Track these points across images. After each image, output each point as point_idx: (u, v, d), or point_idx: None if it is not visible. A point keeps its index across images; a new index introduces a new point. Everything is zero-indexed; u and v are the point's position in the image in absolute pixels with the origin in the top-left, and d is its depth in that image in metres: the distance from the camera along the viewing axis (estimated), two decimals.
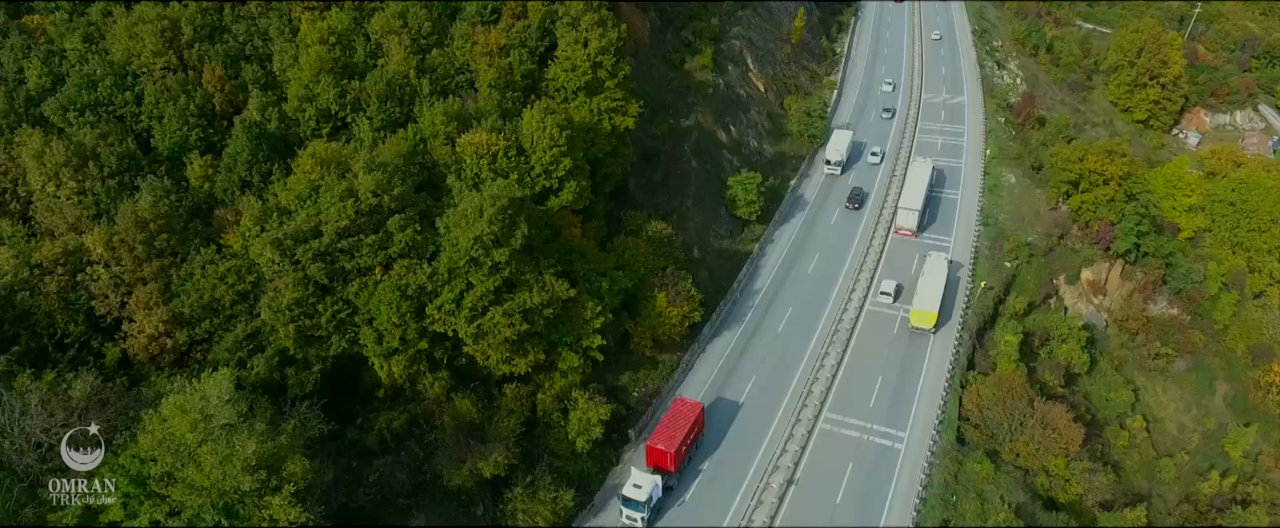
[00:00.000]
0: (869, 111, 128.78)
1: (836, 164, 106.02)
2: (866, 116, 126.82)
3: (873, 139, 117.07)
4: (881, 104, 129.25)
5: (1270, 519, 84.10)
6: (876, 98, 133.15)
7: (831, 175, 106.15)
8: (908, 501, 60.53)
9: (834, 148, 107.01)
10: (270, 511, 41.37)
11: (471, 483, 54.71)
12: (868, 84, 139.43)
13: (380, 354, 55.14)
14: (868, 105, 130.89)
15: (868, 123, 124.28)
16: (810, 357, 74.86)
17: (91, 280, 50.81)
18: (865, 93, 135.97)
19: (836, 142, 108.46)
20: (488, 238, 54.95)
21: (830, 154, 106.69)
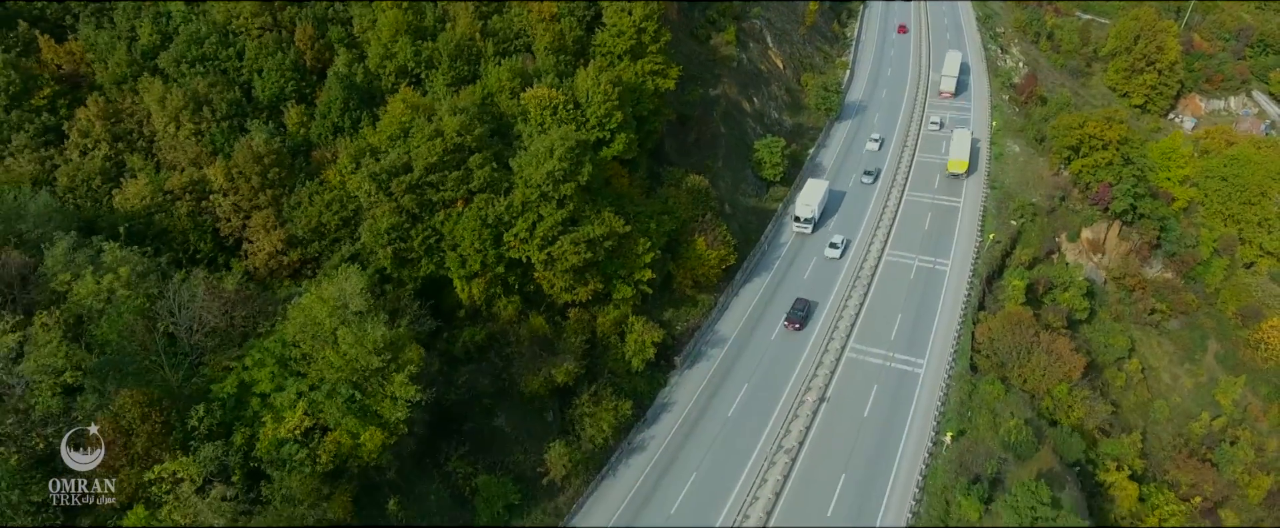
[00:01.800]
0: (880, 89, 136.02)
1: (807, 222, 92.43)
2: (878, 94, 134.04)
3: (884, 112, 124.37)
4: (891, 83, 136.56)
5: (1255, 456, 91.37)
6: (886, 78, 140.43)
7: (801, 234, 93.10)
8: (928, 415, 67.78)
9: (804, 202, 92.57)
10: (392, 387, 48.59)
11: (544, 390, 61.92)
12: (878, 64, 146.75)
13: (463, 276, 62.28)
14: (878, 83, 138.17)
15: (879, 99, 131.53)
16: (835, 298, 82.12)
17: (215, 206, 57.97)
18: (875, 73, 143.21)
19: (808, 193, 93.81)
20: (558, 173, 62.13)
21: (799, 209, 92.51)
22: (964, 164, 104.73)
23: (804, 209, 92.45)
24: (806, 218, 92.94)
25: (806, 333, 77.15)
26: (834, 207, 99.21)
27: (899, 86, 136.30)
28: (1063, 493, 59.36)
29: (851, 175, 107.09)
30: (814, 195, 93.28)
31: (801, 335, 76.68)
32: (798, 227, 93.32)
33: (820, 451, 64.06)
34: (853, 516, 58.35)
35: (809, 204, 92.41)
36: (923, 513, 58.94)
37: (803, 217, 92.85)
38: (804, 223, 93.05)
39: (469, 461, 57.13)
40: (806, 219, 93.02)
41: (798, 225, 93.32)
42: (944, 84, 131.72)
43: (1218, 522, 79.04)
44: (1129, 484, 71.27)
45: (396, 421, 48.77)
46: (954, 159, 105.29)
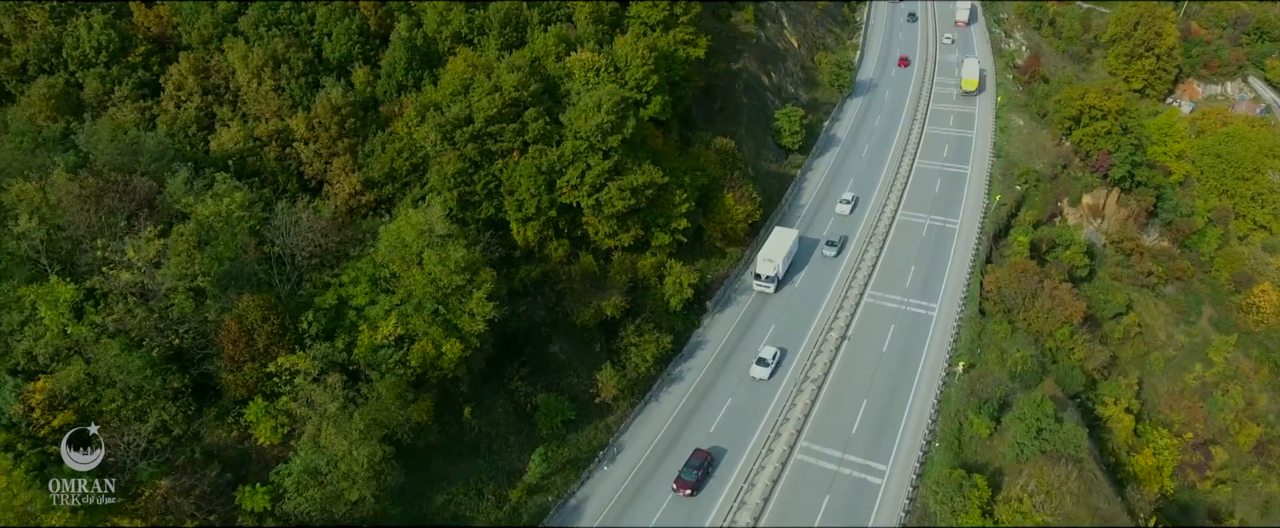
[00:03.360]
0: (889, 69, 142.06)
1: (768, 280, 79.44)
2: (886, 73, 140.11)
3: (893, 91, 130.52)
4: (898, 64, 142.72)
5: (1246, 406, 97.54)
6: (894, 61, 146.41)
7: (763, 293, 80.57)
8: (940, 351, 73.95)
9: (766, 257, 79.78)
10: (470, 304, 54.75)
11: (593, 322, 68.12)
12: (887, 47, 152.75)
13: (519, 219, 68.44)
14: (887, 64, 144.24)
15: (888, 78, 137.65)
16: (853, 253, 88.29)
17: (298, 152, 64.12)
18: (884, 55, 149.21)
19: (773, 246, 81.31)
20: (605, 126, 68.27)
21: (760, 265, 79.65)
22: (975, 82, 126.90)
23: (765, 265, 78.92)
24: (768, 275, 79.02)
25: (827, 281, 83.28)
26: (850, 170, 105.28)
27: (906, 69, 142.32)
28: (1064, 414, 65.44)
29: (864, 146, 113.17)
30: (779, 248, 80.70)
31: (823, 283, 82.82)
32: (758, 285, 79.69)
33: (843, 380, 70.25)
34: (876, 432, 64.52)
35: (771, 260, 79.21)
36: (938, 430, 65.10)
37: (764, 274, 78.96)
38: (765, 281, 79.22)
39: (529, 382, 63.31)
40: (768, 278, 79.09)
41: (758, 284, 79.61)
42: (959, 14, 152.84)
43: (1208, 458, 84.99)
44: (1125, 417, 77.43)
45: (473, 334, 54.94)
46: (966, 79, 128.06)
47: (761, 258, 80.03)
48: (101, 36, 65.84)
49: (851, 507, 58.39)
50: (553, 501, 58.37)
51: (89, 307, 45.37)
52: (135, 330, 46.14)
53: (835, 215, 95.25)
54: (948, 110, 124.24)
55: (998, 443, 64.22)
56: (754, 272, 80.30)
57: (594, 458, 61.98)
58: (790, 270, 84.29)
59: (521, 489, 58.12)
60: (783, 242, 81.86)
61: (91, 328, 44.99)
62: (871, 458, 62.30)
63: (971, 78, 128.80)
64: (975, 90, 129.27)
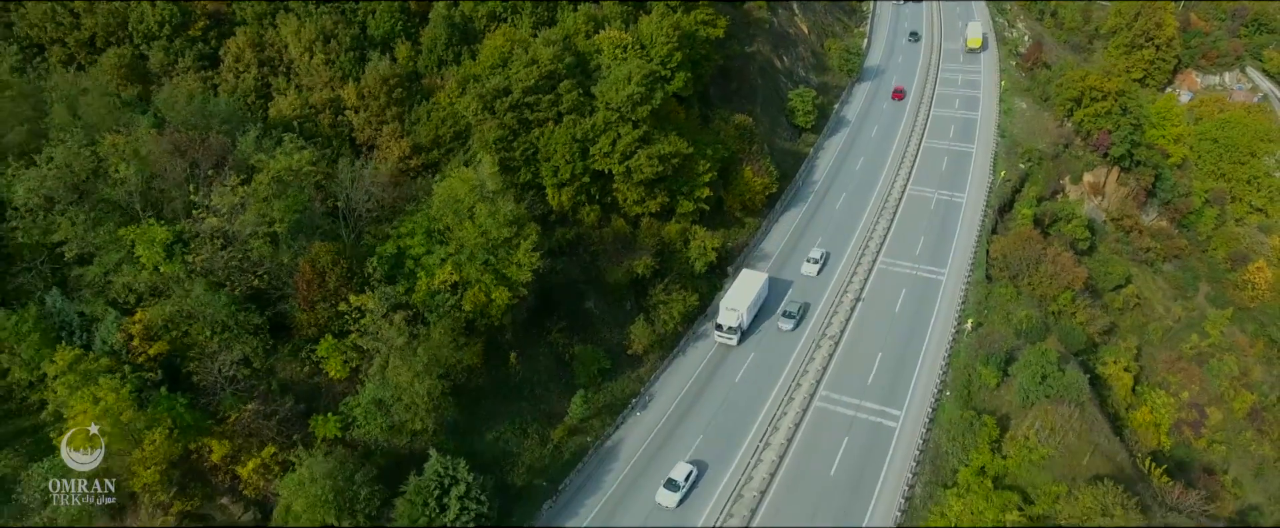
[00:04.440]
0: (896, 56, 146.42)
1: (731, 331, 70.73)
2: (894, 60, 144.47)
3: (901, 77, 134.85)
4: (905, 50, 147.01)
5: (1237, 365, 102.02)
6: (901, 46, 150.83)
7: (725, 345, 71.82)
8: (949, 312, 78.35)
9: (729, 305, 71.39)
10: (518, 255, 59.15)
11: (625, 281, 72.53)
12: (893, 34, 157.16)
13: (555, 184, 72.81)
14: (894, 50, 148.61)
15: (895, 64, 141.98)
16: (864, 224, 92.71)
17: (350, 119, 68.51)
18: (890, 42, 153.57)
19: (737, 293, 72.92)
20: (636, 96, 72.67)
21: (723, 316, 71.27)
22: (979, 41, 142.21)
23: (728, 315, 70.53)
24: (731, 326, 70.37)
25: (841, 248, 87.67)
26: (860, 149, 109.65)
27: (914, 54, 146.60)
28: (1067, 365, 69.79)
29: (873, 126, 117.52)
30: (744, 294, 72.32)
31: (838, 249, 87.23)
32: (720, 336, 71.01)
33: (859, 337, 74.67)
34: (890, 382, 68.94)
35: (734, 309, 70.77)
36: (949, 381, 69.49)
37: (726, 324, 70.45)
38: (727, 333, 70.64)
39: (566, 334, 67.72)
40: (731, 328, 70.42)
41: (720, 335, 70.99)
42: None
43: (1203, 416, 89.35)
44: (1124, 375, 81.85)
45: (520, 282, 59.36)
46: (971, 38, 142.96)
47: (724, 306, 71.50)
48: (164, 12, 70.20)
49: (869, 446, 62.79)
50: (591, 441, 62.79)
51: (178, 248, 49.73)
52: (219, 272, 50.55)
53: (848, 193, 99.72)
54: (953, 94, 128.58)
55: (1005, 392, 68.57)
56: (717, 322, 71.68)
57: (627, 405, 66.39)
58: None
59: (563, 430, 62.55)
60: (749, 286, 73.56)
61: (182, 267, 49.37)
62: (887, 405, 66.73)
63: (975, 37, 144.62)
64: (980, 48, 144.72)
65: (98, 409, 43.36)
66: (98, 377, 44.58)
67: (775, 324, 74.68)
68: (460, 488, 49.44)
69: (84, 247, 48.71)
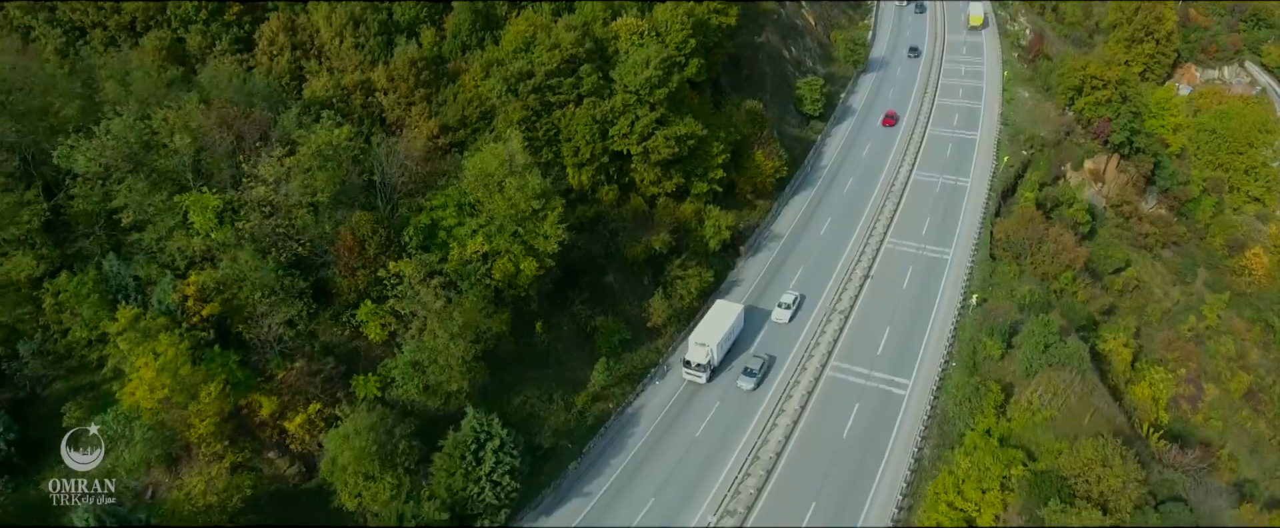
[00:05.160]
0: (899, 49, 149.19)
1: (700, 369, 65.92)
2: (898, 53, 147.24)
3: (905, 68, 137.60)
4: (909, 41, 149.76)
5: (1234, 346, 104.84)
6: (905, 39, 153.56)
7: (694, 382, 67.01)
8: (955, 288, 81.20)
9: (698, 340, 66.93)
10: (545, 227, 61.96)
11: (643, 257, 75.40)
12: (897, 27, 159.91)
13: (575, 164, 75.65)
14: (898, 43, 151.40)
15: (899, 56, 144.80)
16: (872, 206, 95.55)
17: (380, 100, 71.32)
18: (895, 36, 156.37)
19: (707, 327, 68.54)
20: (654, 80, 75.49)
21: (692, 351, 66.55)
22: (980, 19, 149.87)
23: (697, 351, 65.90)
24: (700, 364, 65.67)
25: (850, 229, 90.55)
26: (866, 136, 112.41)
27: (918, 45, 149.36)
28: (1069, 337, 72.56)
29: (879, 115, 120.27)
30: (715, 328, 67.88)
31: (846, 230, 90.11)
32: (688, 374, 66.14)
33: (869, 311, 77.52)
34: (898, 353, 71.79)
35: (704, 344, 66.28)
36: (955, 352, 72.33)
37: (694, 361, 65.69)
38: (696, 370, 65.79)
39: (588, 306, 70.54)
40: (699, 365, 65.70)
41: (688, 372, 66.10)
42: None
43: (1200, 391, 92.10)
44: (1124, 350, 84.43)
45: (547, 253, 62.19)
46: (973, 15, 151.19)
47: (693, 341, 66.86)
48: None
49: (879, 412, 65.65)
50: (613, 407, 65.67)
51: (228, 216, 52.54)
52: (266, 239, 53.37)
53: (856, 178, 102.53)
54: (957, 84, 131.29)
55: (1008, 363, 71.30)
56: (684, 359, 66.68)
57: (647, 374, 69.23)
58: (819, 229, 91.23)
59: (586, 396, 65.41)
60: (722, 320, 68.77)
61: (232, 233, 52.19)
62: (895, 374, 69.58)
63: (977, 15, 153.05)
64: (981, 25, 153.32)
65: (158, 363, 46.15)
66: (157, 333, 47.35)
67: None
68: (495, 443, 52.23)
69: (140, 213, 51.52)
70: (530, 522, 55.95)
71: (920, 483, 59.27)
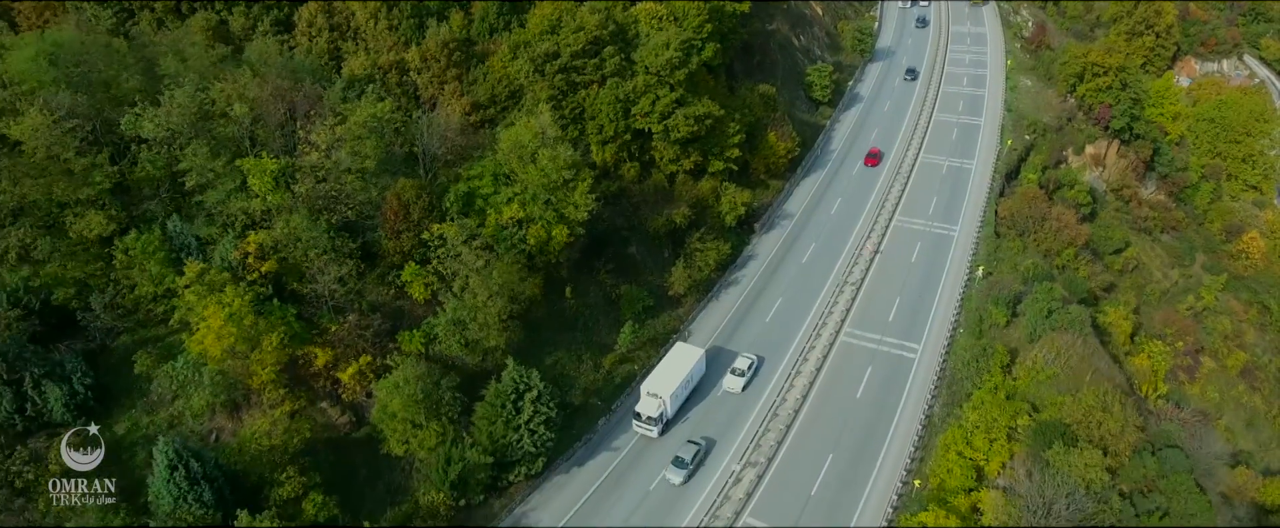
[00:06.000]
0: (905, 39, 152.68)
1: (652, 422, 60.46)
2: (903, 42, 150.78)
3: (911, 57, 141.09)
4: (914, 34, 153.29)
5: (1231, 325, 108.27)
6: (910, 29, 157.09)
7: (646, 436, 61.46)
8: (962, 263, 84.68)
9: (650, 391, 61.32)
10: (575, 197, 65.46)
11: (664, 229, 78.95)
12: (903, 18, 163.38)
13: (599, 142, 79.11)
14: (904, 34, 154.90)
15: (905, 46, 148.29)
16: (881, 187, 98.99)
17: (414, 79, 74.86)
18: (900, 26, 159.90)
19: (662, 376, 62.56)
20: (674, 61, 79.00)
21: (643, 404, 60.89)
22: None
23: (648, 404, 60.57)
24: (651, 416, 60.24)
25: (859, 208, 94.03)
26: (875, 121, 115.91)
27: (923, 39, 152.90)
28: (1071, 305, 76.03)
29: (887, 102, 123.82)
30: (670, 377, 62.25)
31: (856, 209, 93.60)
32: (640, 427, 61.02)
33: (878, 284, 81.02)
34: (908, 321, 75.30)
35: (656, 395, 60.88)
36: (962, 319, 75.81)
37: (645, 414, 60.31)
38: (647, 424, 60.51)
39: (613, 275, 74.03)
40: (651, 419, 60.28)
41: (639, 426, 61.00)
42: None
43: (1197, 363, 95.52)
44: (1124, 323, 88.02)
45: (576, 222, 65.69)
46: None
47: (645, 391, 61.57)
48: None
49: (891, 374, 69.19)
50: (638, 369, 69.12)
51: (283, 180, 56.06)
52: (318, 202, 56.88)
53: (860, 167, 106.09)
54: (961, 72, 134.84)
55: (1013, 330, 74.78)
56: (634, 410, 61.33)
57: (669, 339, 72.71)
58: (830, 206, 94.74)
59: (613, 358, 68.94)
60: (679, 366, 63.26)
61: (289, 197, 55.71)
62: (906, 340, 73.11)
63: None
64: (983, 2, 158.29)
65: (224, 313, 49.64)
66: (222, 287, 50.84)
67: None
68: (533, 394, 55.72)
69: (203, 176, 55.02)
70: (563, 472, 59.42)
71: (931, 437, 62.78)
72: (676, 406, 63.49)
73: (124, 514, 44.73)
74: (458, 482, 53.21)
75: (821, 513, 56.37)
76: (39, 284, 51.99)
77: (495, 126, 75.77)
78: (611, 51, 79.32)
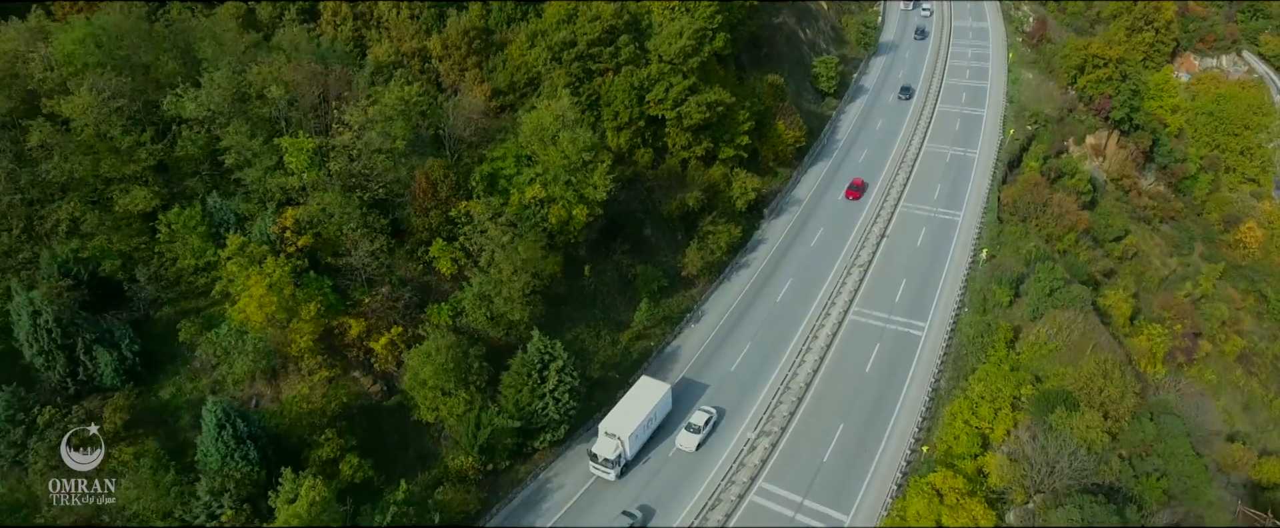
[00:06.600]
0: (907, 32, 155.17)
1: (608, 465, 56.71)
2: (906, 36, 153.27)
3: (913, 51, 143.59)
4: (916, 24, 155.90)
5: (1228, 311, 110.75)
6: (912, 23, 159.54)
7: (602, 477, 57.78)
8: (966, 246, 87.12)
9: (607, 431, 57.72)
10: (594, 178, 67.89)
11: (677, 213, 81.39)
12: (904, 19, 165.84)
13: (614, 128, 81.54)
14: (906, 28, 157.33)
15: (908, 40, 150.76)
16: (886, 174, 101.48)
17: (436, 66, 77.29)
18: (902, 21, 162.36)
19: (627, 409, 59.38)
20: (687, 49, 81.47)
21: (599, 445, 57.26)
22: None
23: (605, 445, 57.15)
24: (607, 459, 56.68)
25: (865, 199, 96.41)
26: (879, 112, 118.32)
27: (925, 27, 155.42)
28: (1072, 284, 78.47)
29: (890, 94, 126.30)
30: (631, 415, 58.71)
31: (861, 201, 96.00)
32: (596, 468, 57.48)
33: (885, 266, 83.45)
34: (915, 300, 77.73)
35: (614, 435, 57.45)
36: (967, 299, 78.26)
37: (601, 455, 56.76)
38: (604, 466, 57.02)
39: (629, 256, 76.47)
40: (607, 461, 56.76)
41: (595, 467, 57.43)
42: None
43: (1194, 348, 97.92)
44: (1124, 304, 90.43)
45: (595, 202, 68.11)
46: None
47: (603, 431, 58.13)
48: None
49: (898, 351, 71.59)
50: (653, 345, 71.64)
51: (318, 158, 58.50)
52: (351, 180, 59.33)
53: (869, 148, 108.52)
54: (964, 65, 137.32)
55: (1016, 309, 77.20)
56: (589, 451, 57.80)
57: (682, 318, 75.23)
58: None
59: (630, 334, 71.38)
60: (641, 404, 59.71)
61: (323, 174, 58.15)
62: (912, 318, 75.54)
63: None
64: None
65: (265, 283, 52.07)
66: (262, 258, 53.29)
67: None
68: (558, 363, 58.17)
69: (242, 154, 57.46)
70: (585, 440, 61.74)
71: (938, 408, 65.22)
72: (637, 446, 59.26)
73: (174, 471, 47.09)
74: (486, 446, 55.67)
75: (834, 478, 58.81)
76: (87, 256, 54.40)
77: (515, 112, 78.15)
78: (626, 40, 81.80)
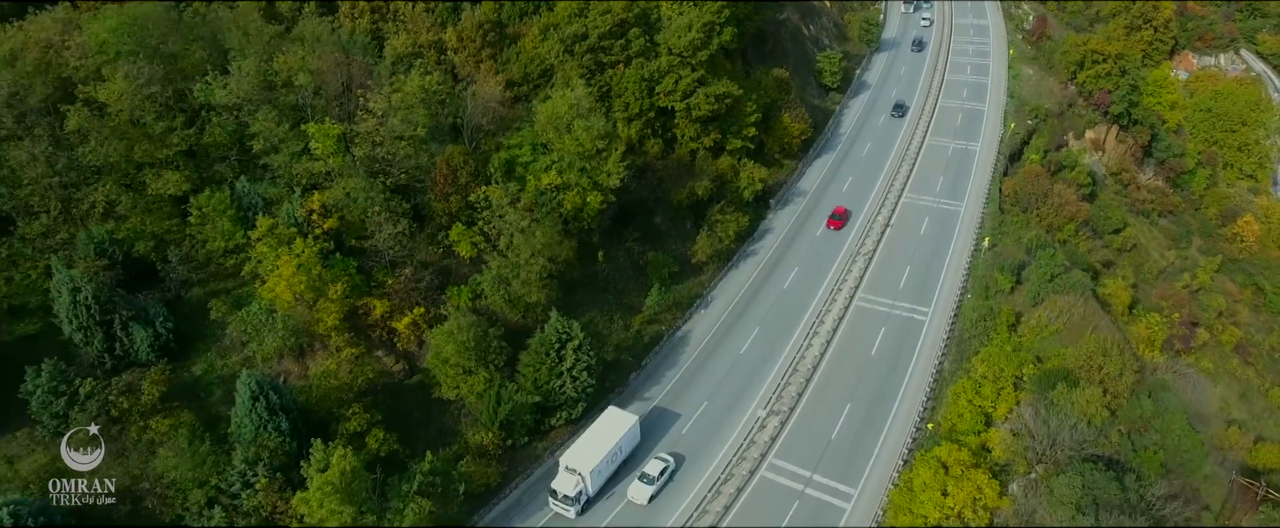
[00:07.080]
0: (909, 31, 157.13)
1: (569, 502, 53.91)
2: (908, 34, 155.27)
3: (915, 49, 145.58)
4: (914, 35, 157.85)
5: (1226, 303, 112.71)
6: (914, 21, 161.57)
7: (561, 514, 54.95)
8: (969, 235, 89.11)
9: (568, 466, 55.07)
10: (608, 165, 69.81)
11: (686, 201, 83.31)
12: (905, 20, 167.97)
13: (624, 118, 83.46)
14: (908, 26, 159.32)
15: (910, 37, 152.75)
16: (889, 167, 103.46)
17: (452, 58, 79.22)
18: (903, 20, 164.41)
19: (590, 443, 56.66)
20: (696, 42, 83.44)
21: (559, 480, 54.66)
22: None
23: (566, 481, 54.54)
24: (568, 495, 54.07)
25: (869, 185, 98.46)
26: (882, 106, 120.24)
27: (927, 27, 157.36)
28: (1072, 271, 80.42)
29: (893, 88, 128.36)
30: (595, 449, 55.98)
31: (866, 186, 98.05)
32: (556, 505, 54.77)
33: (890, 254, 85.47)
34: (919, 288, 79.71)
35: (574, 470, 54.80)
36: (969, 286, 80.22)
37: (562, 492, 54.14)
38: (566, 502, 54.19)
39: (640, 243, 78.47)
40: (568, 497, 54.07)
41: (555, 504, 54.76)
42: None
43: (1192, 336, 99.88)
44: (1123, 293, 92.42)
45: (609, 189, 70.05)
46: None
47: (563, 465, 55.41)
48: None
49: (903, 335, 73.58)
50: (664, 330, 73.59)
51: (343, 144, 60.42)
52: (375, 166, 61.26)
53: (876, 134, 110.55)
54: (965, 61, 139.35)
55: (1018, 295, 79.17)
56: (550, 487, 54.94)
57: (692, 303, 77.17)
58: None
59: (642, 319, 73.31)
60: (606, 437, 57.08)
61: (347, 160, 60.07)
62: (917, 304, 77.53)
63: None
64: None
65: (294, 262, 53.96)
66: (290, 240, 55.19)
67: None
68: (575, 343, 60.06)
69: (270, 140, 59.38)
70: None
71: (942, 389, 67.20)
72: (599, 483, 56.20)
73: (209, 442, 48.98)
74: (506, 422, 57.56)
75: (842, 454, 60.77)
76: (122, 237, 56.30)
77: (529, 102, 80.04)
78: (636, 34, 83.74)
